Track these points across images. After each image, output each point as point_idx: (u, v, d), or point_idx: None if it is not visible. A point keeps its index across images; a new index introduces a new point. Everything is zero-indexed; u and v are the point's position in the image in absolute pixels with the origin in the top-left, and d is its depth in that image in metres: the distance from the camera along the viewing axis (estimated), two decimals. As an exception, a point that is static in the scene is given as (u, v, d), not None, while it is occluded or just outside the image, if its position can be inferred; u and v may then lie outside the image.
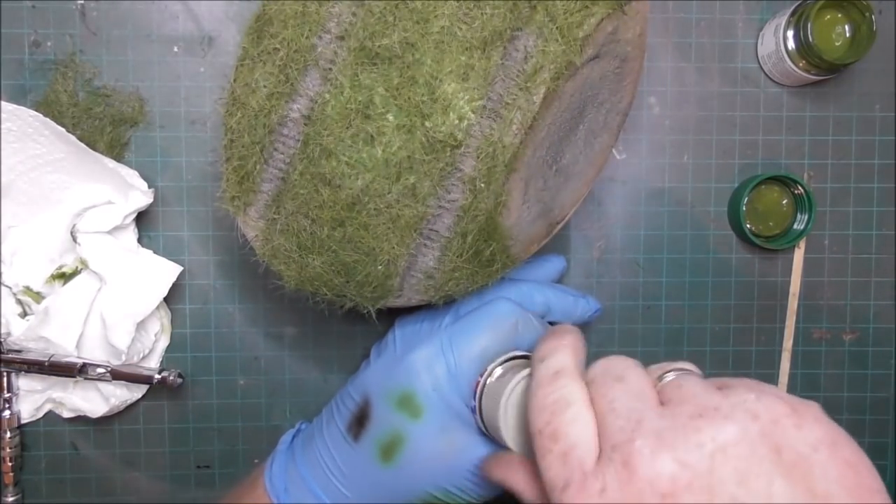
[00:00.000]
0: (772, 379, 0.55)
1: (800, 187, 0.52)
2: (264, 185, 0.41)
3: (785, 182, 0.53)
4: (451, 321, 0.43)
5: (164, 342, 0.52)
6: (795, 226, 0.53)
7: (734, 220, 0.54)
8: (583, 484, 0.26)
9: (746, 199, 0.52)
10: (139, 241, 0.52)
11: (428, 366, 0.40)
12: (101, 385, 0.50)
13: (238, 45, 0.40)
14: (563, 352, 0.33)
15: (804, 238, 0.54)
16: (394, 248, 0.40)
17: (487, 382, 0.39)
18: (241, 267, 0.53)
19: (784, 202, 0.53)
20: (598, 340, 0.55)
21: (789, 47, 0.50)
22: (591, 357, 0.55)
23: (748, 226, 0.53)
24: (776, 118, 0.54)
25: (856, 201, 0.55)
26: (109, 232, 0.49)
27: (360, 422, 0.42)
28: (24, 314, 0.50)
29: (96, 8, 0.51)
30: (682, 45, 0.54)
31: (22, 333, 0.49)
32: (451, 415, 0.40)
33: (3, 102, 0.47)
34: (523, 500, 0.32)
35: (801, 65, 0.50)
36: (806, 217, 0.52)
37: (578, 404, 0.29)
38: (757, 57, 0.54)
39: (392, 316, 0.53)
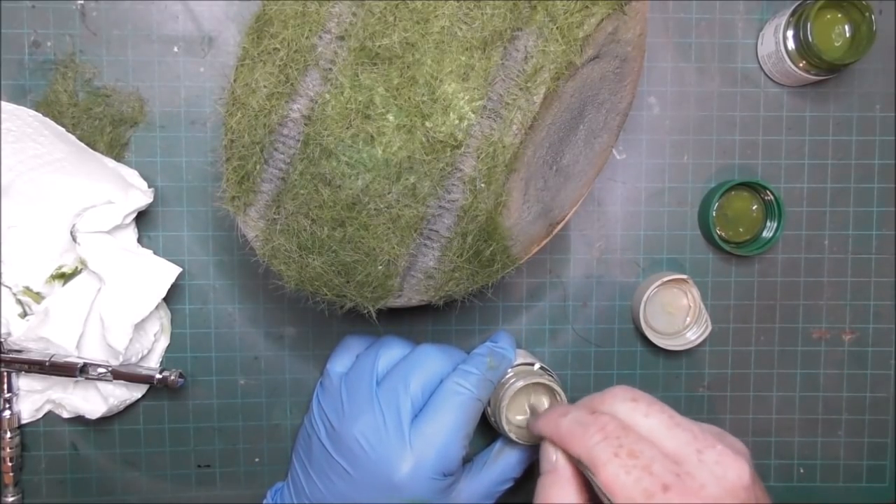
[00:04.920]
0: (771, 378, 0.55)
1: (769, 193, 0.52)
2: (264, 186, 0.41)
3: (755, 188, 0.53)
4: (397, 394, 0.45)
5: (163, 342, 0.52)
6: (764, 234, 0.53)
7: (704, 226, 0.54)
8: (683, 485, 0.33)
9: (717, 204, 0.52)
10: (139, 240, 0.52)
11: (420, 478, 0.43)
12: (101, 385, 0.50)
13: (238, 45, 0.40)
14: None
15: (773, 243, 0.52)
16: (394, 248, 0.40)
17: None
18: (241, 267, 0.53)
19: (754, 208, 0.53)
20: (598, 340, 0.55)
21: (789, 47, 0.50)
22: (594, 356, 0.55)
23: (718, 232, 0.53)
24: (776, 118, 0.54)
25: (856, 201, 0.55)
26: (109, 232, 0.49)
27: None
28: (24, 314, 0.50)
29: (96, 8, 0.51)
30: (682, 45, 0.54)
31: (22, 333, 0.49)
32: (445, 485, 0.45)
33: (3, 102, 0.47)
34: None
35: (801, 65, 0.50)
36: (775, 225, 0.52)
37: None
38: (757, 57, 0.54)
39: (392, 316, 0.53)
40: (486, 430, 0.52)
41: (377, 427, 0.44)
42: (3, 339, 0.49)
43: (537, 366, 0.48)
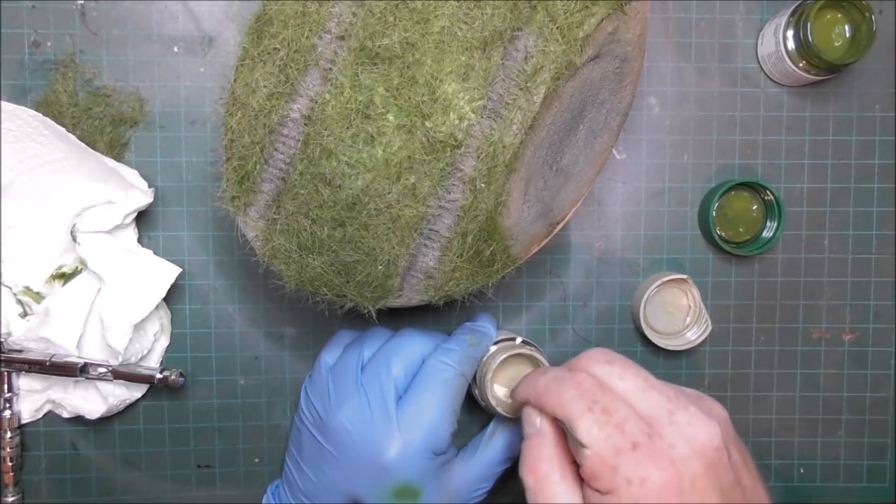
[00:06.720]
0: (771, 378, 0.55)
1: (769, 193, 0.52)
2: (264, 185, 0.41)
3: (755, 188, 0.53)
4: (377, 377, 0.45)
5: (163, 342, 0.52)
6: (764, 234, 0.53)
7: (704, 226, 0.54)
8: (652, 445, 0.33)
9: (717, 204, 0.52)
10: (139, 240, 0.52)
11: (409, 458, 0.43)
12: (101, 385, 0.50)
13: (238, 45, 0.40)
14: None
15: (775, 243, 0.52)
16: (394, 248, 0.40)
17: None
18: (241, 267, 0.53)
19: (754, 208, 0.53)
20: (598, 340, 0.55)
21: (789, 47, 0.50)
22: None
23: (718, 232, 0.53)
24: (776, 118, 0.54)
25: (856, 201, 0.55)
26: (109, 231, 0.49)
27: None
28: (24, 314, 0.50)
29: (96, 8, 0.51)
30: (682, 45, 0.54)
31: (22, 333, 0.49)
32: (437, 465, 0.45)
33: (3, 102, 0.47)
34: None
35: (801, 65, 0.50)
36: (775, 224, 0.52)
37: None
38: (757, 57, 0.54)
39: (392, 316, 0.53)
40: (480, 416, 0.52)
41: (362, 410, 0.44)
42: (3, 339, 0.49)
43: (519, 340, 0.48)
